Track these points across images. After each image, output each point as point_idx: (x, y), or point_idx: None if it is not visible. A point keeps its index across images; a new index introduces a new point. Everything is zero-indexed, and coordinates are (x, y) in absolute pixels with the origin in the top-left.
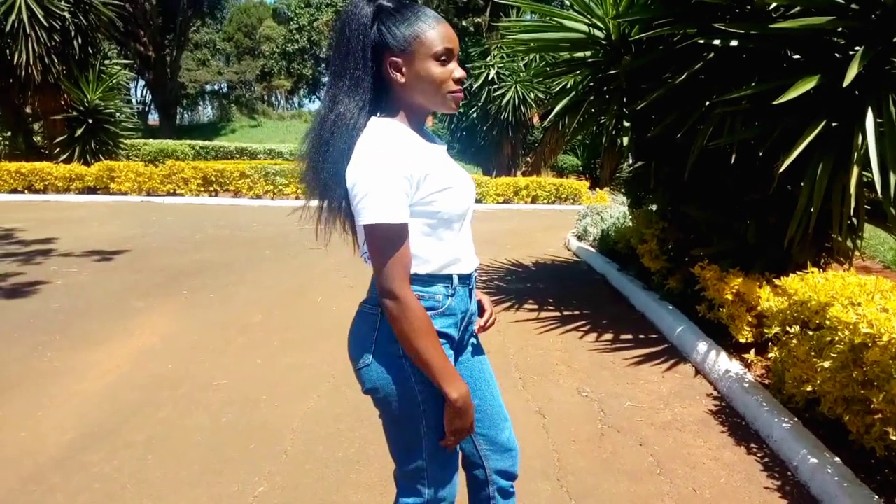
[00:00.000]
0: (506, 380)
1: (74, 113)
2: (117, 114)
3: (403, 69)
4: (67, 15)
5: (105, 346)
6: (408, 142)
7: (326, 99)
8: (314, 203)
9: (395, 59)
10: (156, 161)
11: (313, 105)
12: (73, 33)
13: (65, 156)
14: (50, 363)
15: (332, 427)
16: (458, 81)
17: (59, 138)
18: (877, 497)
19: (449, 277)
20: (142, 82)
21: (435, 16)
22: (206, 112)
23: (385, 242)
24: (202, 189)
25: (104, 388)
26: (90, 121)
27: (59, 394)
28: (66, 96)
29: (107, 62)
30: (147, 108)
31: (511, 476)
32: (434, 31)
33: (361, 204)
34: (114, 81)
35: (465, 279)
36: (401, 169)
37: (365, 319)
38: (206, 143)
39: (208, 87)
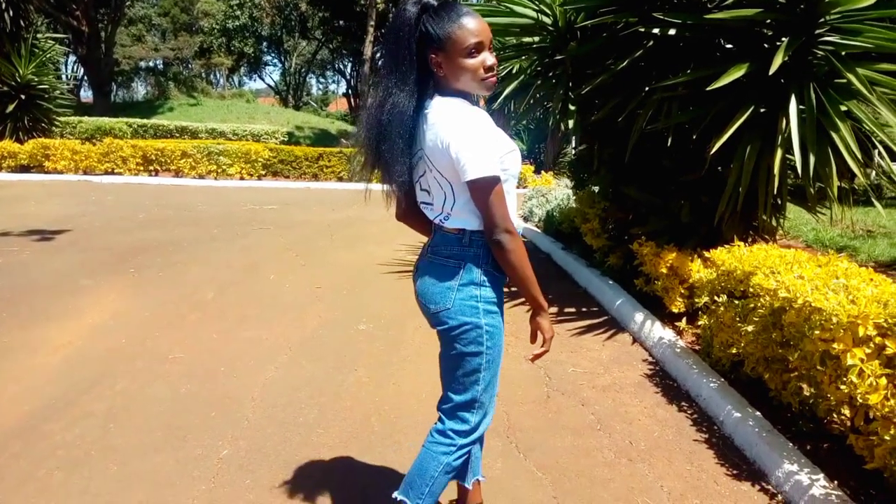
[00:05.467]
0: None
1: (6, 88)
2: (51, 90)
3: (442, 64)
4: None
5: (56, 322)
6: (481, 112)
7: (381, 89)
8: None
9: (433, 55)
10: (92, 139)
11: (255, 84)
12: (3, 5)
13: None
14: None
15: (292, 395)
16: (489, 68)
17: None
18: (791, 444)
19: None
20: (73, 58)
21: (467, 12)
22: (142, 89)
23: (492, 191)
24: (142, 168)
25: (59, 362)
26: (22, 96)
27: (12, 369)
28: None
29: (39, 36)
30: (79, 85)
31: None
32: (462, 29)
33: (470, 163)
34: (47, 56)
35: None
36: (491, 132)
37: (444, 271)
38: (145, 121)
39: (143, 64)
